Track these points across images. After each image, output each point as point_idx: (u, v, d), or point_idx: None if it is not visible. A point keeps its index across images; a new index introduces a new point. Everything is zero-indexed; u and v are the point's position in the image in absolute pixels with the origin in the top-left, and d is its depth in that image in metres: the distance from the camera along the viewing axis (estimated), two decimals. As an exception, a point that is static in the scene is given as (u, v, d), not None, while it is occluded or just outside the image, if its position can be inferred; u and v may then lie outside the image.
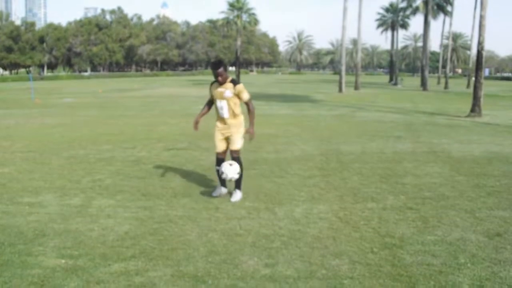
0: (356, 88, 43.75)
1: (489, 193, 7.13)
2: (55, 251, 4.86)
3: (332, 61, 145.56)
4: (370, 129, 15.19)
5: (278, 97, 31.76)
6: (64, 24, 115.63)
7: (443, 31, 63.74)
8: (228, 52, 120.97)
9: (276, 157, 10.03)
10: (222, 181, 6.99)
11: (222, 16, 73.36)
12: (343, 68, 40.84)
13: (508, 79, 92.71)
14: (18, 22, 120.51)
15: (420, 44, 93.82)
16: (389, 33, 74.22)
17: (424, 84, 47.37)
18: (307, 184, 7.69)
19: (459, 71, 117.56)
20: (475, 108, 19.77)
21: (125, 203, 6.57)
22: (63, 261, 4.60)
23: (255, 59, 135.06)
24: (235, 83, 6.69)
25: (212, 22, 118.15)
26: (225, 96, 6.64)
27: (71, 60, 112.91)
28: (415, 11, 59.28)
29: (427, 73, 48.74)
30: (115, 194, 7.04)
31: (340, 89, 39.14)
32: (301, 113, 21.12)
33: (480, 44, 20.04)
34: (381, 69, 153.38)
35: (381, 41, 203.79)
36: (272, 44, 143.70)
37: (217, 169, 6.95)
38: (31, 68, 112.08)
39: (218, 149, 6.93)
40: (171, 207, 6.40)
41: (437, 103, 28.58)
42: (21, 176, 8.26)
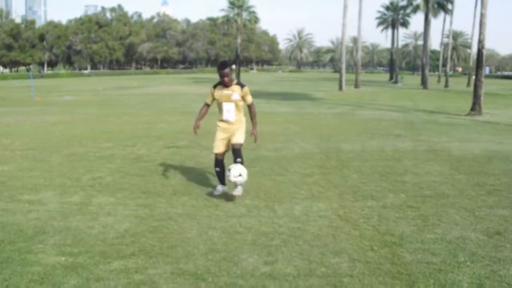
0: (356, 86, 43.73)
1: (489, 192, 7.13)
2: (55, 248, 4.86)
3: (332, 59, 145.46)
4: (370, 127, 15.18)
5: (278, 95, 31.76)
6: (64, 22, 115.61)
7: (443, 30, 63.54)
8: (228, 50, 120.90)
9: (276, 155, 10.03)
10: (221, 180, 6.99)
11: (222, 14, 73.21)
12: (344, 66, 40.83)
13: (509, 77, 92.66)
14: (18, 20, 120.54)
15: (420, 42, 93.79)
16: (389, 31, 74.07)
17: (424, 83, 47.34)
18: (307, 182, 7.69)
19: (460, 69, 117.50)
20: (476, 107, 19.77)
21: (125, 201, 6.57)
22: (63, 258, 4.61)
23: (255, 57, 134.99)
24: (241, 85, 6.65)
25: (212, 20, 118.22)
26: (233, 99, 6.58)
27: (71, 58, 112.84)
28: (415, 9, 59.23)
29: (427, 71, 48.69)
30: (115, 192, 7.04)
31: (340, 87, 39.12)
32: (301, 111, 21.12)
33: (481, 42, 20.03)
34: (381, 68, 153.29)
35: (381, 39, 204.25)
36: (272, 42, 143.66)
37: (216, 170, 6.95)
38: (31, 66, 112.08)
39: (218, 149, 6.86)
40: (171, 205, 6.41)
41: (437, 101, 28.57)
42: (21, 174, 8.26)
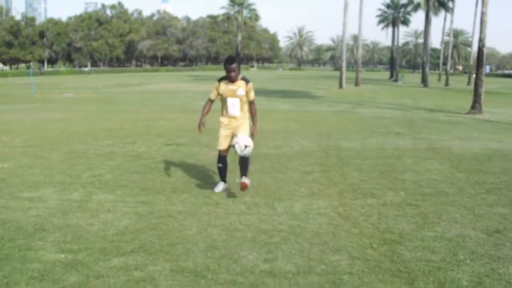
0: (356, 84, 43.71)
1: (488, 190, 7.14)
2: (55, 245, 4.87)
3: (332, 57, 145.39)
4: (370, 125, 15.18)
5: (278, 92, 31.73)
6: (64, 19, 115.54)
7: (444, 28, 63.33)
8: (229, 48, 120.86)
9: (276, 153, 10.03)
10: (223, 177, 6.99)
11: (223, 11, 73.46)
12: (344, 64, 40.81)
13: (509, 76, 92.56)
14: (18, 17, 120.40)
15: (421, 40, 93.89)
16: (390, 29, 74.19)
17: (424, 81, 47.35)
18: (307, 180, 7.69)
19: (460, 68, 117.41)
20: (476, 105, 19.77)
21: (125, 198, 6.58)
22: (62, 255, 4.61)
23: (255, 55, 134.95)
24: (246, 80, 6.65)
25: (212, 17, 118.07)
26: (238, 94, 6.57)
27: (71, 55, 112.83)
28: (416, 7, 59.26)
29: (428, 69, 48.69)
30: (115, 189, 7.04)
31: (341, 85, 39.12)
32: (301, 108, 21.11)
33: (481, 41, 20.01)
34: (382, 66, 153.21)
35: (381, 37, 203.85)
36: (273, 39, 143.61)
37: (218, 166, 6.95)
38: (31, 63, 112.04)
39: (222, 146, 6.85)
40: (170, 202, 6.41)
41: (437, 99, 28.56)
42: (21, 171, 8.26)
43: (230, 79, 6.58)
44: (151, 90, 36.12)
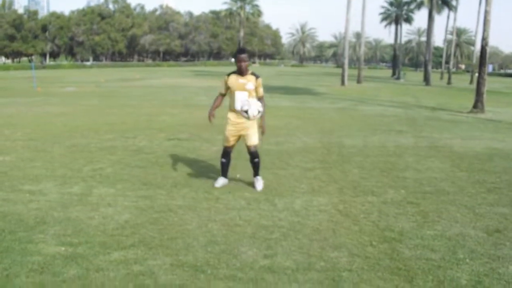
0: (358, 81, 43.71)
1: (489, 190, 7.13)
2: (55, 238, 4.88)
3: (335, 54, 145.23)
4: (372, 122, 15.17)
5: (280, 89, 31.67)
6: (67, 13, 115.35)
7: (447, 26, 63.33)
8: (231, 43, 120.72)
9: (277, 149, 10.02)
10: (224, 172, 7.01)
11: (225, 7, 73.51)
12: (346, 61, 40.71)
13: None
14: (21, 11, 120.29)
15: (423, 38, 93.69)
16: (392, 27, 74.03)
17: (427, 79, 47.27)
18: (307, 176, 7.69)
19: (463, 66, 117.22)
20: (478, 104, 19.73)
21: (125, 192, 6.58)
22: (63, 248, 4.62)
23: (257, 51, 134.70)
24: (256, 76, 6.64)
25: (215, 13, 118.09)
26: (247, 88, 6.55)
27: (74, 49, 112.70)
28: (419, 5, 59.04)
29: (430, 68, 48.59)
30: (116, 183, 7.05)
31: (343, 82, 39.05)
32: (303, 105, 21.10)
33: (484, 39, 19.96)
34: (384, 63, 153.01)
35: (384, 35, 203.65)
36: (275, 36, 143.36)
37: (222, 161, 6.96)
38: (33, 57, 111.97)
39: (228, 142, 6.84)
40: (171, 196, 6.42)
41: (439, 98, 28.52)
42: (22, 164, 8.27)
43: (239, 70, 6.57)
44: (153, 85, 36.10)
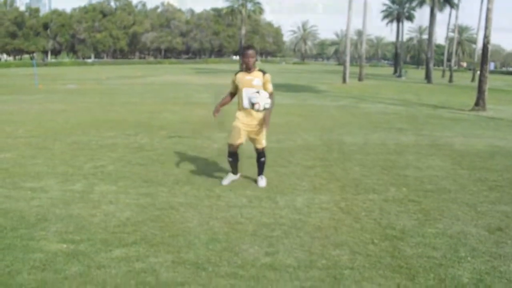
0: (360, 79, 43.63)
1: (491, 188, 7.12)
2: (57, 236, 4.88)
3: (336, 52, 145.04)
4: (373, 120, 15.16)
5: (281, 86, 31.57)
6: (68, 10, 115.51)
7: (449, 24, 63.44)
8: (233, 41, 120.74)
9: (278, 147, 10.01)
10: (234, 169, 7.00)
11: (227, 4, 73.42)
12: (348, 58, 40.68)
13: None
14: (23, 8, 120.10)
15: (425, 36, 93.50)
16: (394, 24, 73.93)
17: (428, 77, 47.16)
18: (308, 174, 7.69)
19: (464, 64, 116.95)
20: (479, 102, 19.69)
21: (126, 190, 6.59)
22: (64, 245, 4.63)
23: (259, 49, 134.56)
24: (263, 72, 6.60)
25: (216, 10, 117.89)
26: (254, 84, 6.51)
27: (75, 46, 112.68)
28: (421, 3, 58.83)
29: (432, 65, 48.51)
30: (117, 181, 7.05)
31: (344, 80, 39.03)
32: (304, 103, 21.09)
33: (486, 37, 19.93)
34: (386, 61, 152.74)
35: (386, 32, 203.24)
36: (277, 33, 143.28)
37: (229, 160, 6.93)
38: (34, 54, 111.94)
39: (234, 141, 6.71)
40: (172, 194, 6.42)
41: (441, 96, 28.48)
42: (23, 161, 8.28)
43: (247, 66, 6.55)
44: (154, 82, 36.09)
